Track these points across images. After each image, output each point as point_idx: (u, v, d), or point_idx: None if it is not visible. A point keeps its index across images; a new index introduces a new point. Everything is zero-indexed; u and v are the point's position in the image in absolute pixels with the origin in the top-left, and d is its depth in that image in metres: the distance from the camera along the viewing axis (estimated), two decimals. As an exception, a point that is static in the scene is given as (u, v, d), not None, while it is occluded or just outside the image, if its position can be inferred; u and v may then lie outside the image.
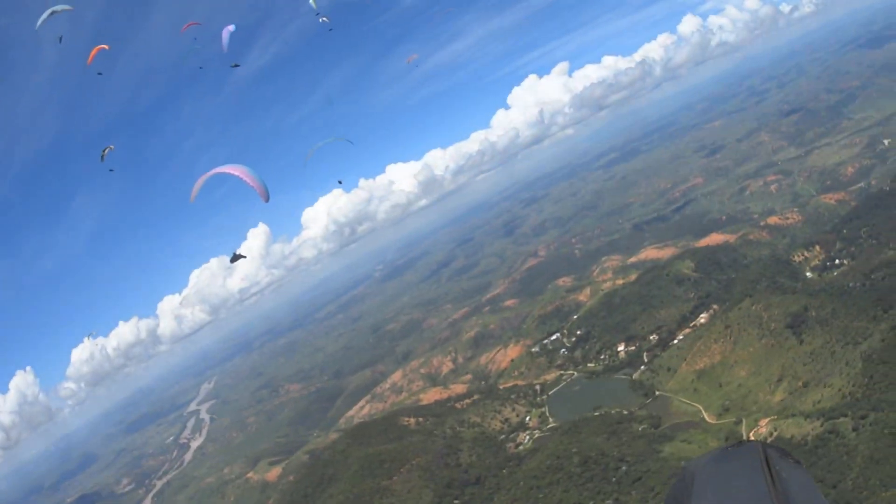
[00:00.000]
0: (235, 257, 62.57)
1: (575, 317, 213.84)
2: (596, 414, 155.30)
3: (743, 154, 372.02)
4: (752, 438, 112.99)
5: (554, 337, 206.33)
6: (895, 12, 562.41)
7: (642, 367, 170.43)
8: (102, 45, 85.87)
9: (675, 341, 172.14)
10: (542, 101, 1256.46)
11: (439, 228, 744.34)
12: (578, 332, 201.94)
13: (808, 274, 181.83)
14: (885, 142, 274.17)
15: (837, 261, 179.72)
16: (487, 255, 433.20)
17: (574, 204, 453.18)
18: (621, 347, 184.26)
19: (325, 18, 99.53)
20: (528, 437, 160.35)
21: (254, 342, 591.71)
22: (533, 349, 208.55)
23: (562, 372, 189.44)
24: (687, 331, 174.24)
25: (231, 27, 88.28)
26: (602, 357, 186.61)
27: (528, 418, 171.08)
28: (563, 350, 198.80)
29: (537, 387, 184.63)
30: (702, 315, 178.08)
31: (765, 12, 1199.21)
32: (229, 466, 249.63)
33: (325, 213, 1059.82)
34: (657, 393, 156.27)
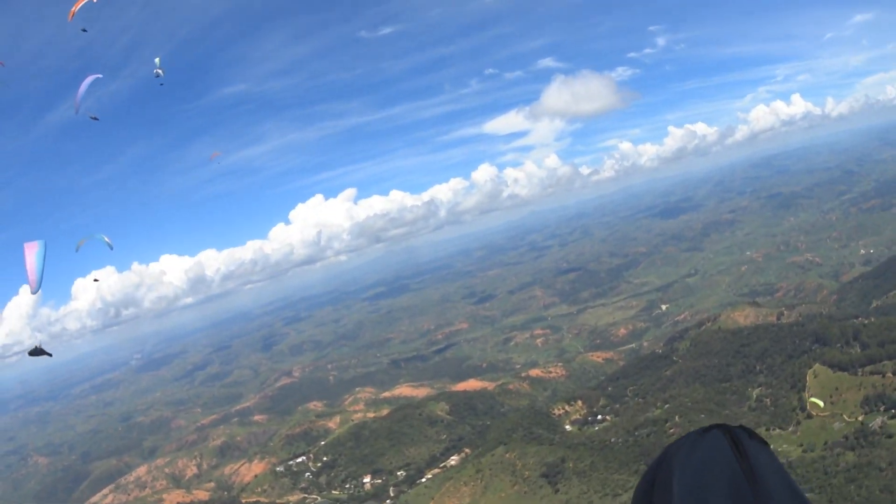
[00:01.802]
0: (37, 351, 56.25)
1: (323, 442, 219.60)
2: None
3: (513, 305, 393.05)
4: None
5: (300, 459, 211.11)
6: (693, 187, 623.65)
7: (388, 502, 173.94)
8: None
9: (424, 480, 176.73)
10: (322, 222, 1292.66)
11: (200, 329, 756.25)
12: (325, 458, 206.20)
13: (568, 427, 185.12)
14: (663, 307, 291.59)
15: (600, 416, 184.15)
16: (242, 366, 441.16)
17: (335, 330, 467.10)
18: (367, 479, 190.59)
19: (157, 69, 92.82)
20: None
21: (10, 403, 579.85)
22: (278, 468, 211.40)
23: (306, 496, 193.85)
24: (437, 471, 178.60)
25: (92, 77, 79.56)
26: (347, 486, 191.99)
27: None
28: (308, 474, 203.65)
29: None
30: (453, 457, 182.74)
31: (563, 171, 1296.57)
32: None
33: (93, 288, 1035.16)
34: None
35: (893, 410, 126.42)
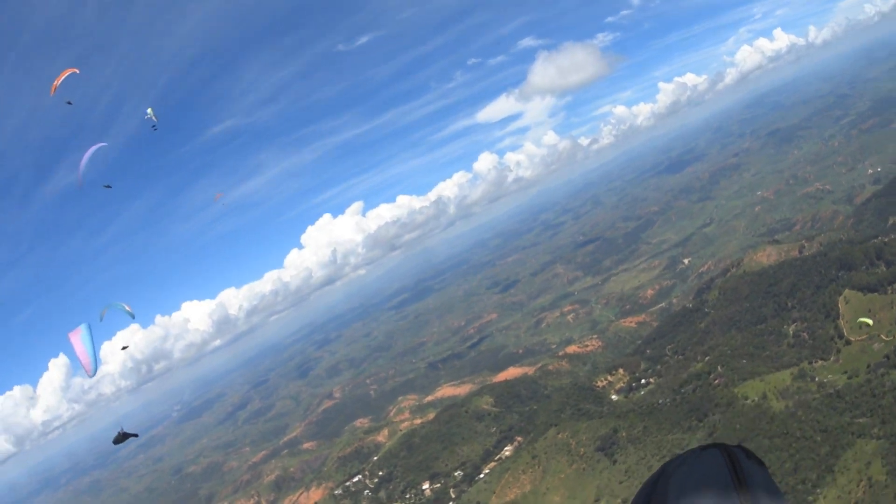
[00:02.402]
0: (121, 438, 53.72)
1: (375, 458, 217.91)
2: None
3: (538, 287, 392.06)
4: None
5: (356, 479, 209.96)
6: (693, 138, 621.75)
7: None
8: (72, 69, 75.41)
9: (482, 476, 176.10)
10: (335, 240, 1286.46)
11: (234, 369, 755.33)
12: (381, 473, 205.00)
13: (614, 397, 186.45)
14: (685, 261, 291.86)
15: (643, 381, 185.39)
16: (283, 398, 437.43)
17: (367, 345, 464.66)
18: (426, 486, 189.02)
19: (150, 116, 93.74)
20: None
21: (59, 478, 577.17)
22: (336, 491, 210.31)
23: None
24: (493, 465, 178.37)
25: (96, 146, 77.08)
26: (408, 496, 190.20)
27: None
28: (367, 491, 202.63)
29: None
30: (506, 448, 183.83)
31: (563, 146, 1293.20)
32: None
33: (119, 348, 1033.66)
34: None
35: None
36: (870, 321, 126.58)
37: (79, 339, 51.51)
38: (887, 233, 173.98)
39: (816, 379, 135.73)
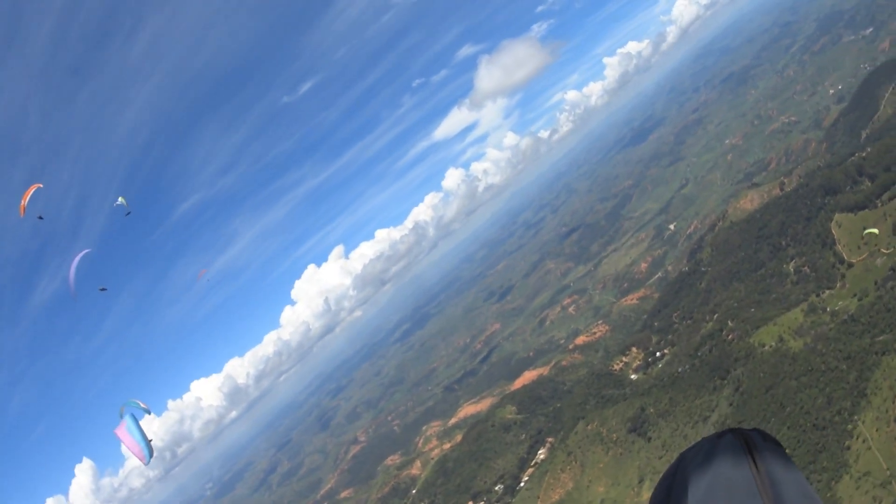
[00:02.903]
0: None
1: (414, 491, 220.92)
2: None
3: (533, 288, 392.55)
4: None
5: None
6: (650, 105, 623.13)
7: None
8: (36, 185, 72.32)
9: (522, 484, 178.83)
10: (325, 289, 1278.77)
11: (256, 436, 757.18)
12: None
13: (633, 376, 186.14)
14: (671, 227, 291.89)
15: (658, 353, 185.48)
16: (310, 453, 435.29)
17: (380, 383, 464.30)
18: None
19: (122, 203, 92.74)
20: None
21: None
22: None
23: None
24: (530, 471, 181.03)
25: (82, 253, 75.77)
26: None
27: None
28: None
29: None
30: (540, 452, 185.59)
31: (525, 144, 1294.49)
32: None
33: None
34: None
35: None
36: (876, 230, 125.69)
37: (125, 432, 51.99)
38: (863, 147, 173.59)
39: (828, 309, 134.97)
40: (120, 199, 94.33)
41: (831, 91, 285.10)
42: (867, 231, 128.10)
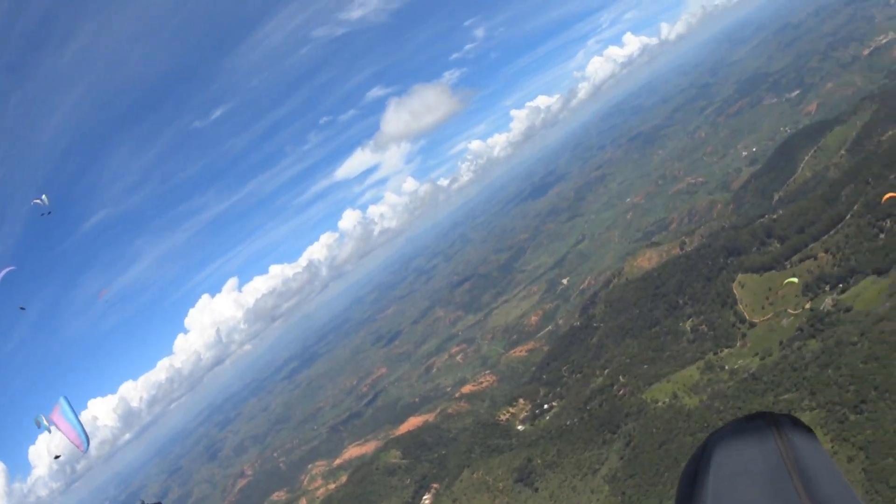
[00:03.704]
0: None
1: None
2: None
3: (422, 334, 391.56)
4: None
5: None
6: (553, 159, 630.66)
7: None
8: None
9: None
10: (217, 320, 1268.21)
11: (149, 460, 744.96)
12: None
13: (520, 427, 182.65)
14: (564, 281, 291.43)
15: (546, 406, 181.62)
16: (199, 482, 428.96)
17: (267, 419, 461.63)
18: None
19: (44, 201, 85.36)
20: None
21: None
22: None
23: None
24: None
25: (5, 270, 71.32)
26: None
27: None
28: None
29: None
30: (425, 497, 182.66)
31: (424, 191, 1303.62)
32: None
33: (45, 451, 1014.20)
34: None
35: (840, 285, 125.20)
36: (795, 279, 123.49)
37: (61, 417, 50.03)
38: (774, 209, 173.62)
39: (726, 367, 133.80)
40: (43, 196, 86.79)
41: (744, 153, 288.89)
42: (787, 281, 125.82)
